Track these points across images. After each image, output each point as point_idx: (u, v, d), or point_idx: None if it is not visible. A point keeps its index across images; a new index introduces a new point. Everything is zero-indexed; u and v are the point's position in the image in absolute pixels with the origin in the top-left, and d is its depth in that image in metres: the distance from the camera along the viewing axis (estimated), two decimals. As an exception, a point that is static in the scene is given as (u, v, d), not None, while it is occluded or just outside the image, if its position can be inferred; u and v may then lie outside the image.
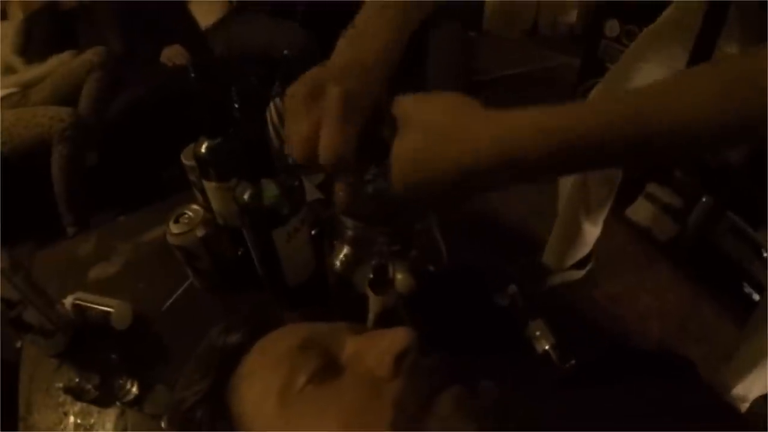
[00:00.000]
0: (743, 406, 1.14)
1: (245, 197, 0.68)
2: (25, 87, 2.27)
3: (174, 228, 0.82)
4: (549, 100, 0.42)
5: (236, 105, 0.77)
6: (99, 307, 0.88)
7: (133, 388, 0.79)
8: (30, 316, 0.81)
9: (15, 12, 2.63)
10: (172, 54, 2.48)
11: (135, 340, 0.88)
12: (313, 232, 0.82)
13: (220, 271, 0.89)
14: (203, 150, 0.80)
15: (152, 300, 0.93)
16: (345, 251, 0.69)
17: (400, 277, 0.68)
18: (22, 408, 0.83)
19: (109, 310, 0.87)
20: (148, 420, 0.78)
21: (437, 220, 0.73)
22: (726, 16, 0.80)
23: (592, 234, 1.22)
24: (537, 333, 0.77)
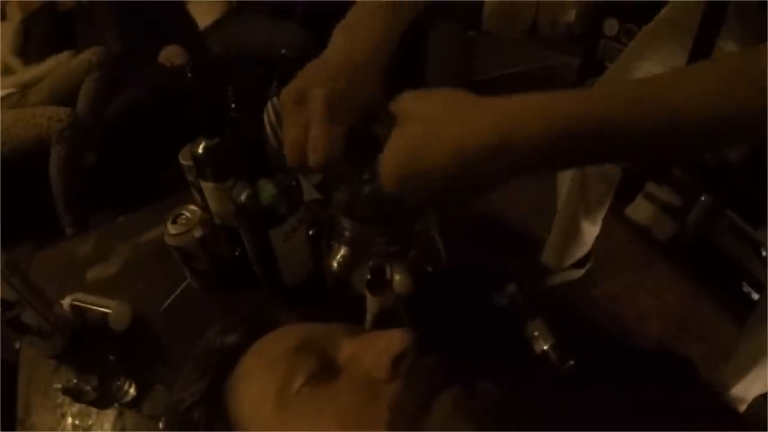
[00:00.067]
0: (742, 406, 1.14)
1: (242, 197, 0.68)
2: (24, 87, 2.27)
3: (171, 229, 0.82)
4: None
5: (233, 105, 0.76)
6: (97, 308, 0.88)
7: (131, 389, 0.79)
8: (28, 317, 0.81)
9: (13, 12, 2.63)
10: (170, 54, 2.48)
11: (133, 341, 0.88)
12: (311, 232, 0.81)
13: (218, 272, 0.90)
14: (200, 150, 0.80)
15: (150, 300, 0.93)
16: (342, 252, 0.69)
17: (398, 277, 0.68)
18: (21, 409, 0.83)
19: (107, 311, 0.87)
20: (146, 421, 0.78)
21: (436, 221, 0.72)
22: (725, 15, 0.79)
23: (591, 233, 1.21)
24: (536, 333, 0.77)
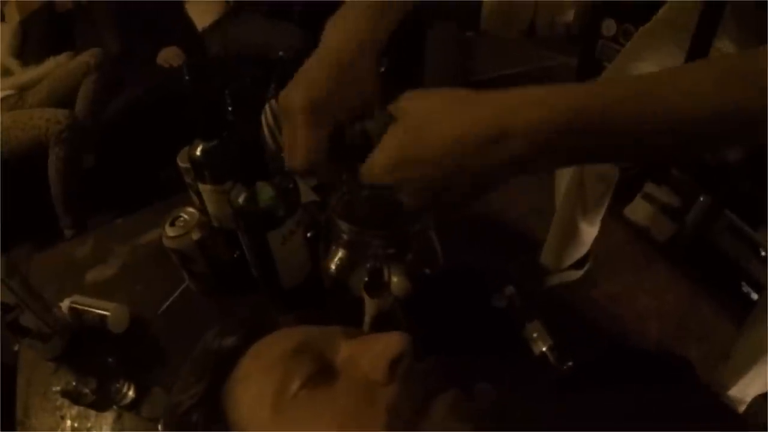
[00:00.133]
0: (741, 407, 1.14)
1: (240, 200, 0.68)
2: (22, 89, 2.27)
3: (170, 231, 0.82)
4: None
5: (230, 108, 0.76)
6: (95, 311, 0.88)
7: (129, 392, 0.79)
8: (27, 320, 0.81)
9: (12, 14, 2.63)
10: (168, 55, 2.48)
11: (132, 344, 0.88)
12: (308, 234, 0.81)
13: (216, 274, 0.90)
14: (198, 153, 0.80)
15: (149, 303, 0.93)
16: (340, 254, 0.69)
17: (395, 280, 0.68)
18: (20, 411, 0.83)
19: (106, 314, 0.87)
20: (145, 423, 0.78)
21: (433, 223, 0.72)
22: (721, 15, 0.79)
23: (589, 234, 1.21)
24: (534, 334, 0.77)
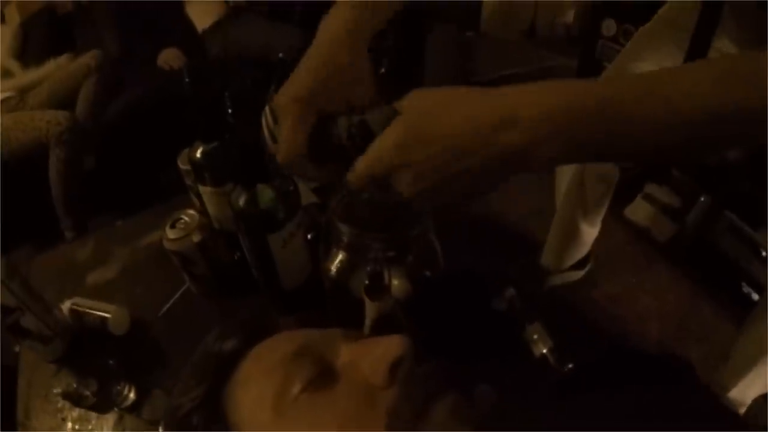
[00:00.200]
0: (742, 409, 1.14)
1: (241, 203, 0.68)
2: (23, 91, 2.27)
3: (170, 233, 0.83)
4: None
5: (230, 111, 0.76)
6: (96, 313, 0.88)
7: (130, 394, 0.79)
8: (28, 321, 0.81)
9: (12, 15, 2.64)
10: (168, 57, 2.48)
11: (132, 346, 0.88)
12: (309, 236, 0.81)
13: (217, 276, 0.90)
14: (198, 155, 0.80)
15: (149, 305, 0.93)
16: (340, 257, 0.69)
17: (396, 282, 0.68)
18: (21, 413, 0.83)
19: (107, 316, 0.87)
20: (145, 425, 0.78)
21: (433, 225, 0.72)
22: (720, 15, 0.79)
23: (590, 234, 1.21)
24: (534, 336, 0.77)
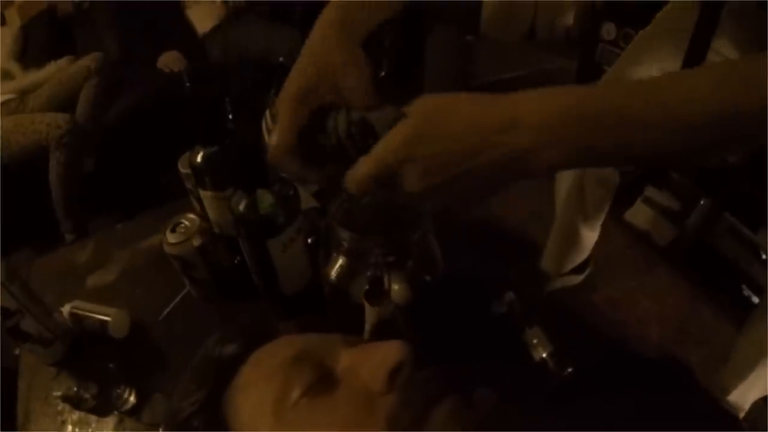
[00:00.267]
0: (741, 412, 1.14)
1: (241, 207, 0.68)
2: (23, 93, 2.28)
3: (170, 237, 0.83)
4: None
5: (230, 115, 0.77)
6: (96, 316, 0.88)
7: (130, 397, 0.79)
8: (28, 325, 0.81)
9: (13, 18, 2.64)
10: (168, 60, 2.48)
11: (132, 349, 0.88)
12: (309, 240, 0.81)
13: (217, 281, 0.90)
14: (198, 159, 0.80)
15: (149, 308, 0.93)
16: (340, 262, 0.69)
17: (396, 287, 0.68)
18: (21, 416, 0.83)
19: (107, 319, 0.87)
20: (145, 429, 0.78)
21: (433, 230, 0.72)
22: (719, 16, 0.79)
23: (590, 238, 1.21)
24: (534, 341, 0.77)
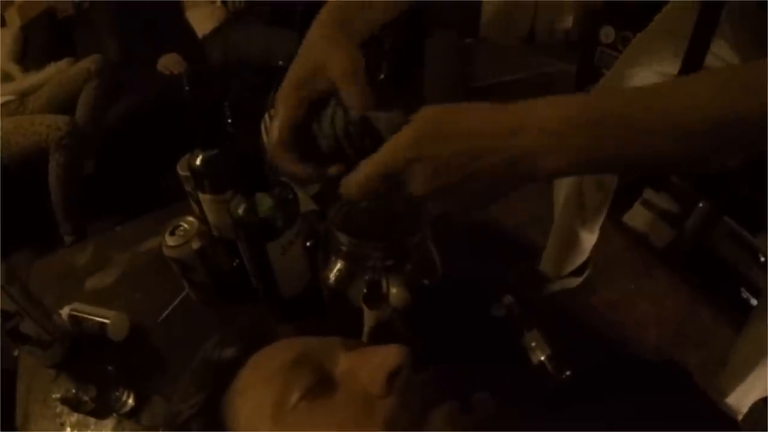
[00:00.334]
0: (740, 415, 1.14)
1: (240, 211, 0.68)
2: (23, 95, 2.28)
3: (170, 240, 0.83)
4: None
5: (229, 120, 0.77)
6: (95, 318, 0.88)
7: (129, 400, 0.79)
8: (27, 327, 0.81)
9: (13, 19, 2.64)
10: (168, 62, 2.49)
11: (131, 352, 0.88)
12: (308, 243, 0.82)
13: (216, 283, 0.90)
14: (198, 162, 0.80)
15: (148, 311, 0.93)
16: (339, 266, 0.69)
17: (394, 291, 0.68)
18: (20, 418, 0.83)
19: (106, 321, 0.87)
20: (144, 431, 0.78)
21: (431, 233, 0.73)
22: (719, 17, 0.79)
23: (588, 241, 1.22)
24: (532, 344, 0.77)
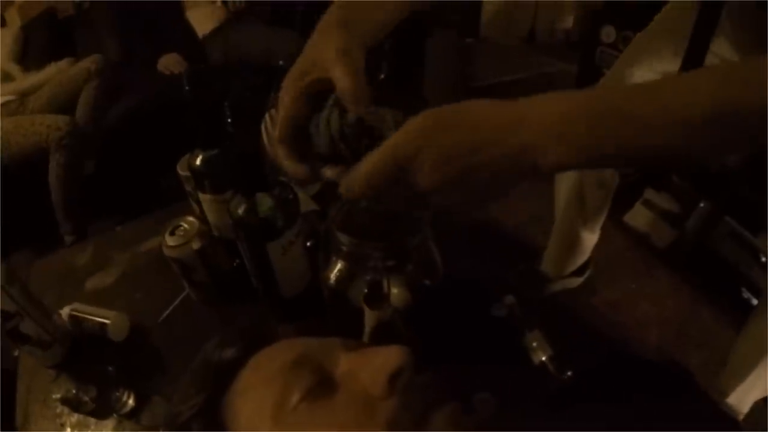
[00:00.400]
0: (740, 415, 1.14)
1: (240, 211, 0.68)
2: (23, 95, 2.28)
3: (170, 240, 0.83)
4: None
5: (229, 120, 0.77)
6: (96, 319, 0.88)
7: (129, 400, 0.79)
8: (27, 327, 0.81)
9: (13, 19, 2.64)
10: (169, 62, 2.49)
11: (131, 352, 0.88)
12: (308, 243, 0.81)
13: (216, 284, 0.89)
14: (198, 162, 0.80)
15: (148, 311, 0.93)
16: (340, 266, 0.69)
17: (395, 291, 0.68)
18: (20, 418, 0.83)
19: (106, 322, 0.87)
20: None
21: (432, 233, 0.73)
22: (719, 17, 0.79)
23: (589, 241, 1.22)
24: (534, 344, 0.77)
